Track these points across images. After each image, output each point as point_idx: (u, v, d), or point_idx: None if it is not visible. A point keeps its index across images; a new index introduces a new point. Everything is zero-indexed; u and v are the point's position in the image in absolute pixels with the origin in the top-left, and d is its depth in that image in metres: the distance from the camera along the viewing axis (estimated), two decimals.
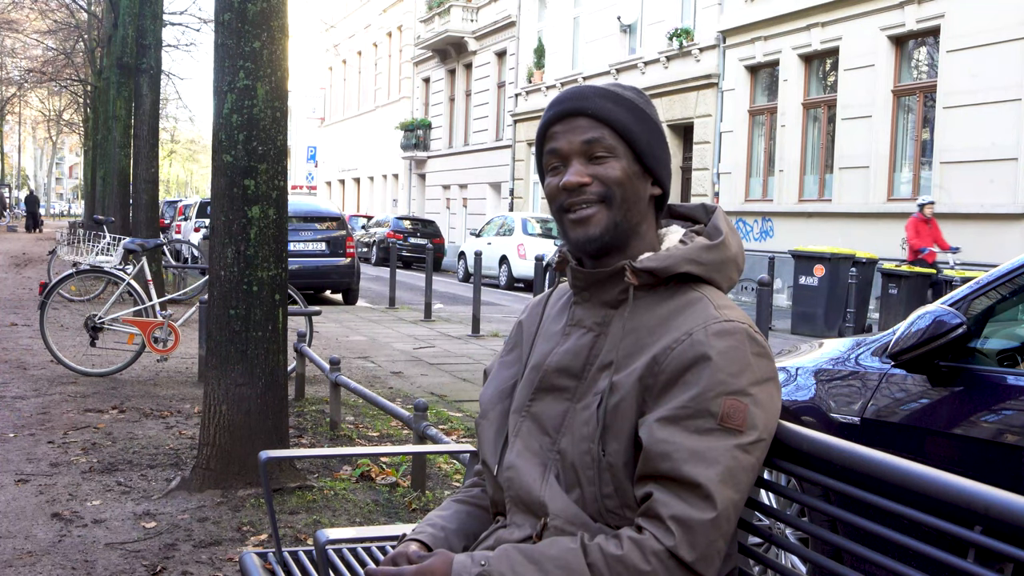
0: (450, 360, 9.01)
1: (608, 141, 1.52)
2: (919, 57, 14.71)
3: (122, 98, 15.89)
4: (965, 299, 2.66)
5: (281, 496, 4.21)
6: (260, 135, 4.22)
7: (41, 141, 72.07)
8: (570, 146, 1.54)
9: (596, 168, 1.52)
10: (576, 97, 1.55)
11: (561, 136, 1.55)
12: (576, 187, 1.52)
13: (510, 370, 1.70)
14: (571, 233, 1.54)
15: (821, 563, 1.47)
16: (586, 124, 1.53)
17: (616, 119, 1.53)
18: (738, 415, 1.38)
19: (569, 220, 1.54)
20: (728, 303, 1.49)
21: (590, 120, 1.53)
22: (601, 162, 1.52)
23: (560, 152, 1.55)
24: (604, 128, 1.53)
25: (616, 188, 1.51)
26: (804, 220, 16.15)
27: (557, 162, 1.56)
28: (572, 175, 1.52)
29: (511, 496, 1.55)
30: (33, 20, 32.78)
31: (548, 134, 1.57)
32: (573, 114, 1.54)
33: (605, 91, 1.56)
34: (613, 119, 1.53)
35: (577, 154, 1.53)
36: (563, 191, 1.53)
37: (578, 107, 1.54)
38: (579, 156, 1.53)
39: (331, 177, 45.72)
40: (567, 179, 1.52)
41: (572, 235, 1.54)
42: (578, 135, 1.53)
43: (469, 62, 30.74)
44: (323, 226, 14.52)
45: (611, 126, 1.53)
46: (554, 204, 1.57)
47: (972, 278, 4.16)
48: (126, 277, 7.52)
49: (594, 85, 1.58)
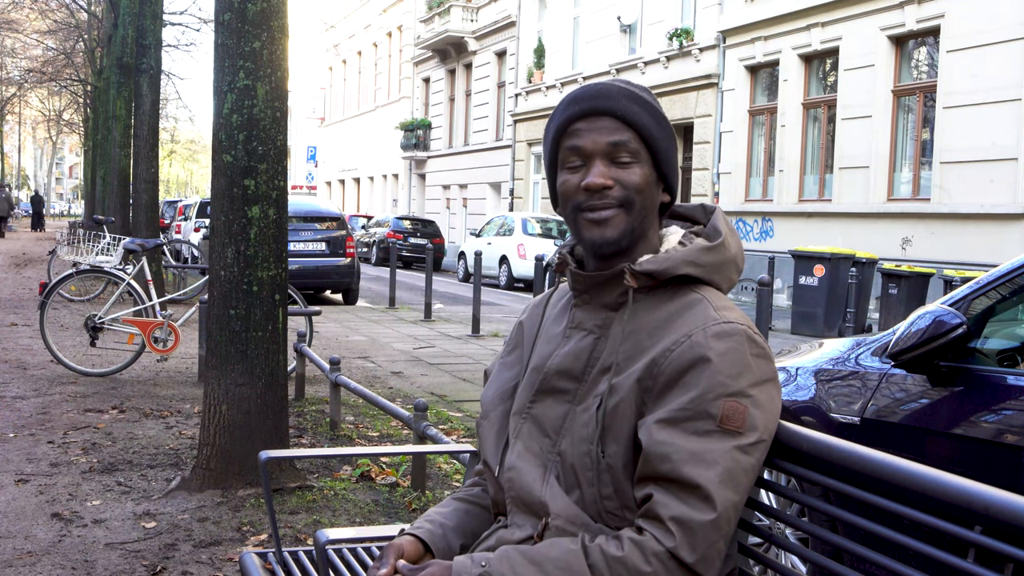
0: (450, 360, 9.01)
1: (633, 146, 1.51)
2: (919, 57, 14.71)
3: (122, 98, 15.89)
4: (965, 299, 2.66)
5: (281, 496, 4.21)
6: (260, 135, 4.22)
7: (41, 141, 72.09)
8: (595, 146, 1.51)
9: (619, 172, 1.50)
10: (603, 96, 1.52)
11: (586, 134, 1.51)
12: (599, 189, 1.49)
13: (511, 371, 1.70)
14: (586, 233, 1.52)
15: (821, 563, 1.47)
16: (612, 125, 1.50)
17: (643, 124, 1.51)
18: (737, 417, 1.38)
19: (586, 220, 1.51)
20: (728, 304, 1.48)
21: (617, 122, 1.51)
22: (625, 167, 1.50)
23: (583, 150, 1.52)
24: (630, 132, 1.51)
25: (637, 195, 1.50)
26: (804, 220, 16.15)
27: (578, 160, 1.53)
28: (596, 176, 1.49)
29: (512, 497, 1.55)
30: (33, 20, 32.80)
31: (569, 130, 1.54)
32: (600, 113, 1.51)
33: (630, 92, 1.53)
34: (640, 123, 1.51)
35: (601, 155, 1.51)
36: (583, 191, 1.51)
37: (606, 107, 1.51)
38: (603, 157, 1.51)
39: (331, 177, 45.72)
40: (591, 180, 1.49)
41: (587, 235, 1.52)
42: (604, 136, 1.50)
43: (469, 62, 30.74)
44: (323, 226, 14.52)
45: (637, 130, 1.51)
46: (570, 202, 1.53)
47: (972, 278, 4.16)
48: (126, 277, 7.52)
49: (617, 84, 1.55)
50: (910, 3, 14.05)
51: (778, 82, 16.95)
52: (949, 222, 13.35)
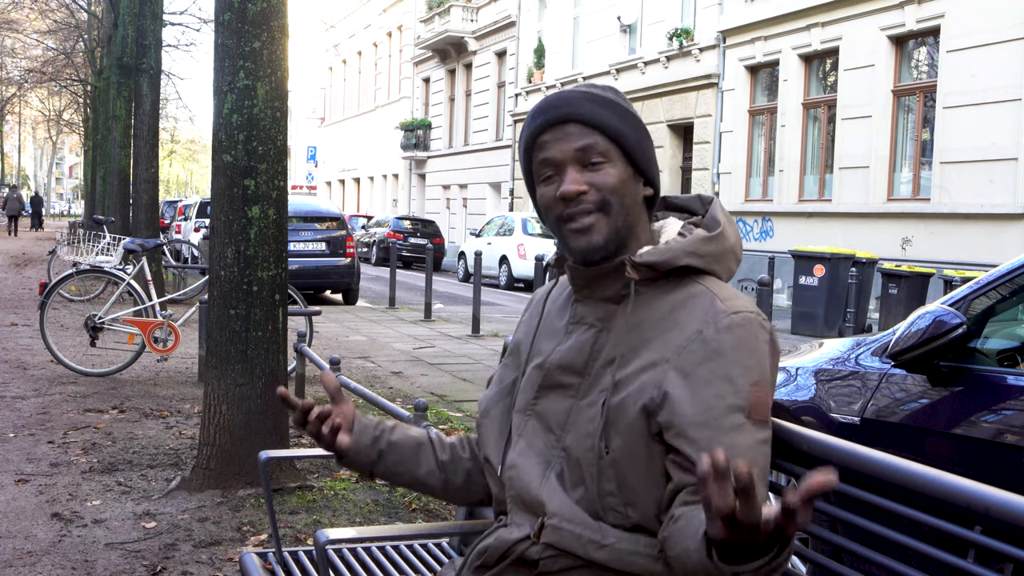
0: (450, 360, 9.01)
1: (601, 146, 1.50)
2: (919, 57, 14.71)
3: (122, 98, 15.89)
4: (965, 299, 2.66)
5: (281, 496, 4.21)
6: (260, 135, 4.22)
7: (41, 141, 72.09)
8: (563, 154, 1.50)
9: (592, 175, 1.49)
10: (563, 103, 1.51)
11: (552, 145, 1.51)
12: (574, 196, 1.48)
13: (510, 370, 1.70)
14: (572, 243, 1.51)
15: (821, 563, 1.47)
16: (577, 131, 1.50)
17: (607, 123, 1.50)
18: (762, 405, 1.39)
19: (569, 230, 1.51)
20: (732, 292, 1.48)
21: (581, 126, 1.50)
22: (597, 168, 1.49)
23: (553, 161, 1.51)
24: (596, 134, 1.50)
25: (613, 195, 1.49)
26: (804, 220, 16.15)
27: (550, 171, 1.52)
28: (570, 184, 1.49)
29: (512, 495, 1.55)
30: (33, 20, 32.81)
31: (537, 143, 1.53)
32: (562, 121, 1.51)
33: (591, 95, 1.53)
34: (604, 123, 1.50)
35: (571, 162, 1.50)
36: (560, 201, 1.50)
37: (567, 113, 1.50)
38: (573, 164, 1.50)
39: (331, 177, 45.71)
40: (565, 188, 1.49)
41: (574, 245, 1.51)
42: (571, 142, 1.50)
43: (469, 62, 30.74)
44: (323, 226, 14.51)
45: (602, 131, 1.50)
46: (551, 214, 1.53)
47: (972, 278, 4.16)
48: (126, 277, 7.52)
49: (579, 89, 1.54)
50: (910, 3, 14.05)
51: (778, 82, 16.95)
52: (949, 222, 13.35)
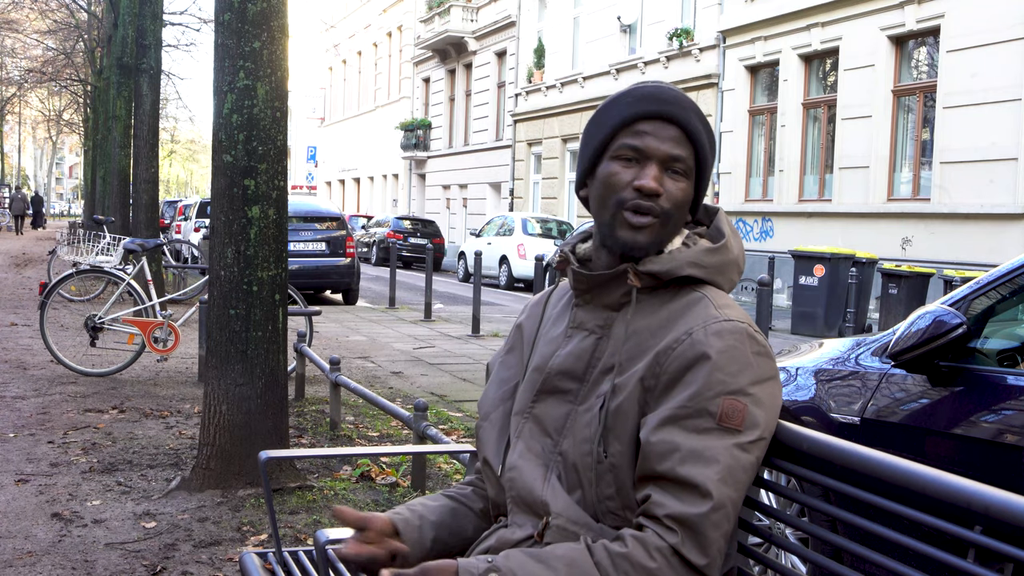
0: (450, 360, 9.01)
1: (689, 163, 1.52)
2: (919, 57, 14.71)
3: (122, 98, 15.88)
4: (965, 299, 2.66)
5: (281, 496, 4.21)
6: (260, 135, 4.22)
7: (41, 141, 72.09)
8: (657, 151, 1.50)
9: (668, 183, 1.50)
10: (676, 104, 1.52)
11: (650, 136, 1.50)
12: (651, 193, 1.49)
13: (510, 371, 1.70)
14: (620, 231, 1.50)
15: (821, 563, 1.47)
16: (678, 136, 1.51)
17: (702, 143, 1.53)
18: (737, 415, 1.38)
19: (626, 219, 1.50)
20: (729, 302, 1.49)
21: (682, 133, 1.51)
22: (676, 180, 1.51)
23: (644, 151, 1.50)
24: (690, 148, 1.52)
25: (677, 210, 1.51)
26: (804, 220, 16.15)
27: (633, 155, 1.51)
28: (652, 180, 1.48)
29: (513, 497, 1.55)
30: (33, 20, 32.81)
31: (633, 127, 1.52)
32: (669, 120, 1.51)
33: (697, 109, 1.55)
34: (700, 143, 1.52)
35: (659, 160, 1.50)
36: (633, 189, 1.50)
37: (677, 116, 1.51)
38: (660, 163, 1.50)
39: (331, 177, 45.72)
40: (646, 182, 1.48)
41: (621, 234, 1.50)
42: (668, 145, 1.50)
43: (469, 62, 30.74)
44: (323, 226, 14.52)
45: (696, 148, 1.52)
46: (614, 194, 1.51)
47: (972, 278, 4.16)
48: (126, 277, 7.52)
49: (685, 95, 1.55)
50: (910, 3, 14.05)
51: (778, 82, 16.95)
52: (949, 222, 13.36)
